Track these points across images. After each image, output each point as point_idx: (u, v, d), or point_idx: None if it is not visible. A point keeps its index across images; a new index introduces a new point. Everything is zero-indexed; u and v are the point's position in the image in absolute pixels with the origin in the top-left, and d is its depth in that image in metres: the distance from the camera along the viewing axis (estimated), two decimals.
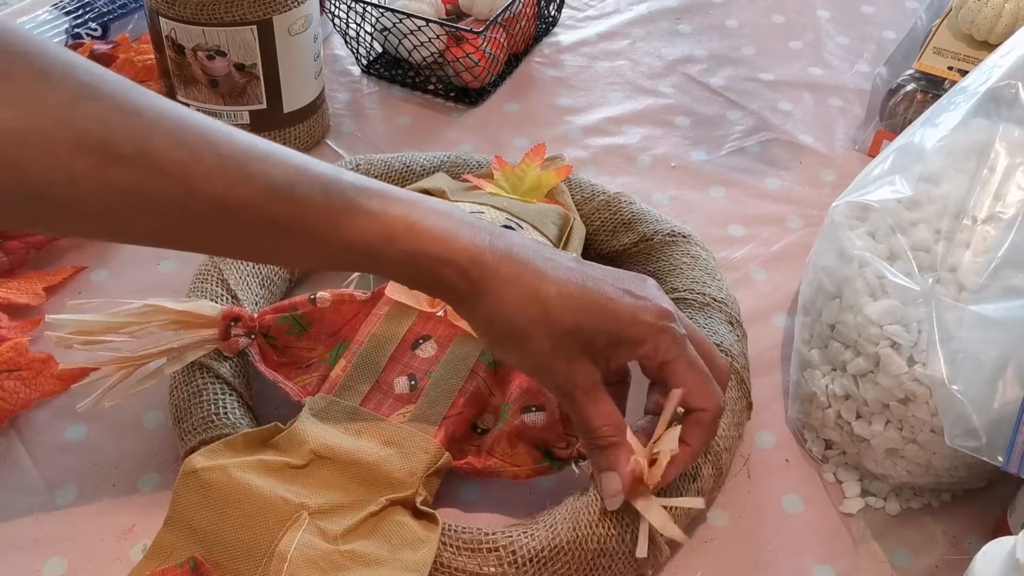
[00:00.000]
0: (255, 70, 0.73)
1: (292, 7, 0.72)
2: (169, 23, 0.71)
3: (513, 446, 0.54)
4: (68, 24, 0.88)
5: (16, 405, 0.59)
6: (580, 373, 0.48)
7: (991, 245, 0.53)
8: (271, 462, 0.51)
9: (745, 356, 0.60)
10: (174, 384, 0.57)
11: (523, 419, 0.54)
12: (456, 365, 0.58)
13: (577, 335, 0.47)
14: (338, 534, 0.48)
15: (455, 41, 0.84)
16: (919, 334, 0.52)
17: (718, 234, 0.73)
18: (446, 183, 0.68)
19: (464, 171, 0.71)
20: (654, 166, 0.81)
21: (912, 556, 0.55)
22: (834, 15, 0.99)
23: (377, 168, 0.70)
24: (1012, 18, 0.77)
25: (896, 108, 0.79)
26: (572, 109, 0.86)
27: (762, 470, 0.58)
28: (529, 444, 0.54)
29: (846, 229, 0.57)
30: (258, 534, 0.48)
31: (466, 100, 0.86)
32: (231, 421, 0.54)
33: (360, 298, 0.61)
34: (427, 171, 0.71)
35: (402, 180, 0.70)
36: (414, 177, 0.70)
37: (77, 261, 0.69)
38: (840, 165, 0.81)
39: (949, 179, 0.57)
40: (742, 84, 0.90)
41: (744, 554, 0.54)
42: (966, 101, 0.60)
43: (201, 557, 0.48)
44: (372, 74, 0.89)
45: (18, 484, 0.56)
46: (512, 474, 0.53)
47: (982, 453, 0.48)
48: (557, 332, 0.47)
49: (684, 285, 0.62)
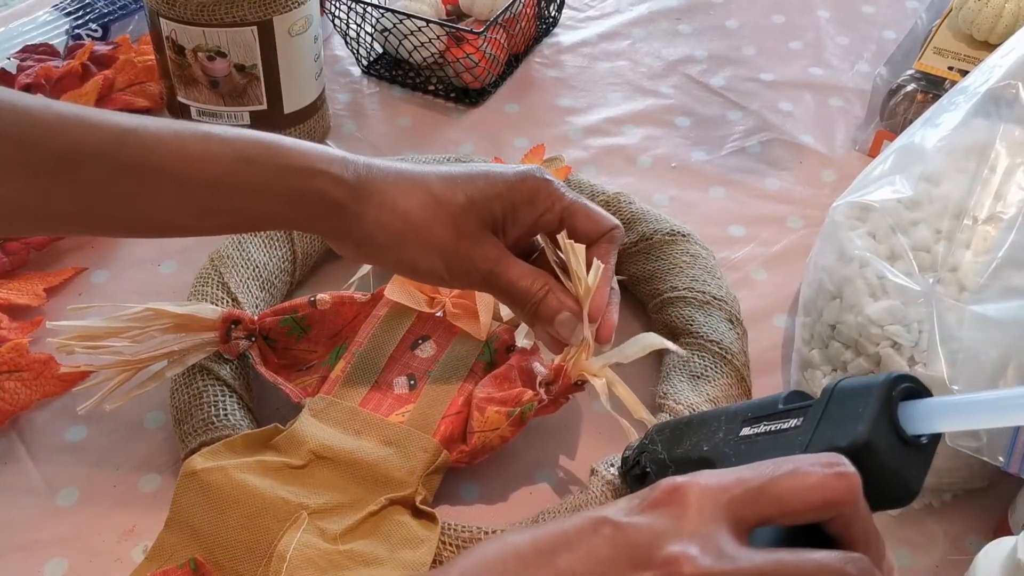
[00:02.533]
0: (255, 71, 0.73)
1: (292, 8, 0.72)
2: (169, 24, 0.71)
3: (483, 412, 0.54)
4: (68, 25, 0.88)
5: (17, 406, 0.59)
6: (489, 247, 0.49)
7: (992, 245, 0.53)
8: (271, 463, 0.51)
9: (745, 354, 0.60)
10: (175, 387, 0.57)
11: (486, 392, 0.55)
12: (455, 365, 0.58)
13: (473, 210, 0.48)
14: (337, 534, 0.48)
15: (455, 42, 0.84)
16: (920, 334, 0.52)
17: (718, 234, 0.73)
18: None
19: None
20: (654, 166, 0.81)
21: (913, 556, 0.55)
22: (834, 15, 0.99)
23: None
24: (1012, 18, 0.77)
25: (896, 108, 0.79)
26: (572, 109, 0.86)
27: None
28: (497, 404, 0.54)
29: (847, 229, 0.57)
30: (258, 534, 0.48)
31: (466, 101, 0.86)
32: (232, 423, 0.54)
33: (360, 300, 0.61)
34: None
35: None
36: None
37: (77, 262, 0.69)
38: (840, 165, 0.81)
39: (949, 179, 0.57)
40: (742, 84, 0.90)
41: None
42: (966, 101, 0.60)
43: (202, 558, 0.48)
44: (372, 75, 0.89)
45: (19, 485, 0.56)
46: (499, 439, 0.53)
47: (983, 453, 0.48)
48: (455, 213, 0.47)
49: (684, 283, 0.62)
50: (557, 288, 0.50)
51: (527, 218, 0.50)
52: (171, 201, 0.47)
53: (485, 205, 0.48)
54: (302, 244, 0.66)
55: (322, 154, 0.48)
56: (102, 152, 0.44)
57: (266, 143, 0.47)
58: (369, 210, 0.47)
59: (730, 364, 0.58)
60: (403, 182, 0.48)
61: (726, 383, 0.57)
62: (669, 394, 0.56)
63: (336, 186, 0.47)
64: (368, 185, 0.47)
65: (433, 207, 0.47)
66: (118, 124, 0.45)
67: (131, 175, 0.45)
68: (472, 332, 0.59)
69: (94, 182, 0.45)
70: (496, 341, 0.59)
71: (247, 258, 0.63)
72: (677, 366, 0.58)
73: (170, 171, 0.45)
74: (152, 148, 0.44)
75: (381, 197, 0.47)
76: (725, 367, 0.57)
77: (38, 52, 0.85)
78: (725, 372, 0.57)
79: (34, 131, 0.43)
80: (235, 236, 0.64)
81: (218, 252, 0.63)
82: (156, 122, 0.46)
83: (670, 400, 0.55)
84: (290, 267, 0.66)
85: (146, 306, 0.56)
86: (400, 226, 0.48)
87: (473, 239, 0.48)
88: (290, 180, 0.46)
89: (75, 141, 0.43)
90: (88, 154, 0.44)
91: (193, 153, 0.45)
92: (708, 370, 0.57)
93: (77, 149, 0.44)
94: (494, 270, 0.49)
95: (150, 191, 0.46)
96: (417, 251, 0.49)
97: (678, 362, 0.58)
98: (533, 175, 0.50)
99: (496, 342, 0.59)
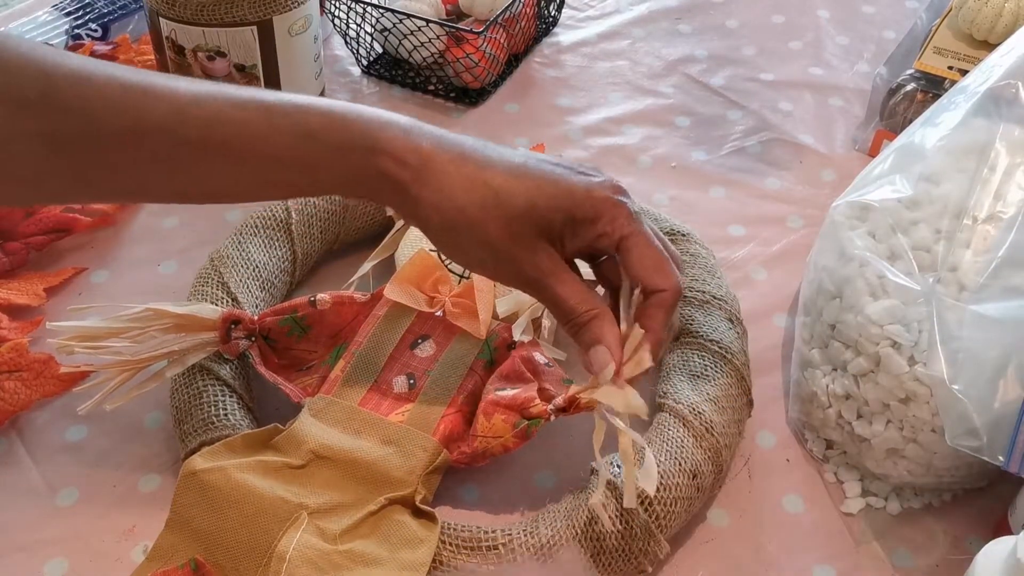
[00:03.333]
0: (255, 71, 0.73)
1: (292, 8, 0.72)
2: (169, 24, 0.71)
3: (489, 418, 0.53)
4: (68, 25, 0.88)
5: (17, 406, 0.59)
6: (543, 257, 0.47)
7: (991, 245, 0.53)
8: (270, 463, 0.51)
9: (745, 353, 0.60)
10: (175, 386, 0.57)
11: (495, 395, 0.54)
12: (455, 364, 0.58)
13: (532, 217, 0.46)
14: (337, 534, 0.48)
15: (455, 41, 0.84)
16: (920, 334, 0.52)
17: (718, 234, 0.73)
18: None
19: None
20: (654, 166, 0.81)
21: (913, 556, 0.55)
22: (834, 15, 0.99)
23: None
24: (1012, 18, 0.77)
25: (896, 108, 0.79)
26: (572, 109, 0.86)
27: (763, 470, 0.58)
28: (504, 412, 0.53)
29: (846, 229, 0.57)
30: (258, 534, 0.48)
31: (466, 100, 0.86)
32: (232, 423, 0.54)
33: (360, 300, 0.61)
34: None
35: None
36: None
37: (77, 262, 0.69)
38: (840, 165, 0.81)
39: (949, 179, 0.57)
40: (742, 84, 0.89)
41: (744, 554, 0.54)
42: (966, 101, 0.60)
43: (202, 558, 0.48)
44: (372, 75, 0.89)
45: (19, 485, 0.56)
46: (501, 447, 0.53)
47: (983, 453, 0.48)
48: (512, 216, 0.46)
49: (684, 283, 0.62)
50: (606, 317, 0.47)
51: (587, 235, 0.48)
52: (229, 174, 0.47)
53: (545, 214, 0.46)
54: (302, 244, 0.66)
55: (387, 128, 0.46)
56: (163, 127, 0.43)
57: (331, 115, 0.45)
58: (428, 194, 0.46)
59: (730, 364, 0.58)
60: (467, 168, 0.46)
61: (726, 383, 0.57)
62: (669, 393, 0.56)
63: (398, 167, 0.45)
64: (430, 167, 0.46)
65: (491, 206, 0.45)
66: (180, 95, 0.44)
67: (191, 150, 0.44)
68: (471, 331, 0.59)
69: (155, 156, 0.44)
70: (495, 339, 0.59)
71: (247, 258, 0.63)
72: (677, 365, 0.58)
73: (230, 147, 0.44)
74: (213, 123, 0.44)
75: (440, 182, 0.46)
76: (725, 367, 0.57)
77: None
78: (725, 372, 0.57)
79: (98, 104, 0.43)
80: (235, 236, 0.64)
81: (218, 252, 0.63)
82: (219, 91, 0.45)
83: (670, 400, 0.55)
84: (290, 267, 0.66)
85: (146, 306, 0.56)
86: (455, 216, 0.46)
87: (526, 246, 0.46)
88: (352, 158, 0.45)
89: (137, 116, 0.43)
90: (149, 128, 0.43)
91: (255, 130, 0.44)
92: (708, 369, 0.57)
93: (139, 123, 0.43)
94: (543, 281, 0.47)
95: (209, 166, 0.45)
96: (468, 244, 0.47)
97: (678, 361, 0.58)
98: (603, 192, 0.47)
99: (495, 340, 0.59)
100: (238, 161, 0.45)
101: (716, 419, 0.55)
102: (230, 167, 0.46)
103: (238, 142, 0.44)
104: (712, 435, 0.54)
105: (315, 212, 0.67)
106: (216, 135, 0.44)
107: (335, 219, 0.68)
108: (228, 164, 0.46)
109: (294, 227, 0.66)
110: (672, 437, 0.53)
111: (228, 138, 0.44)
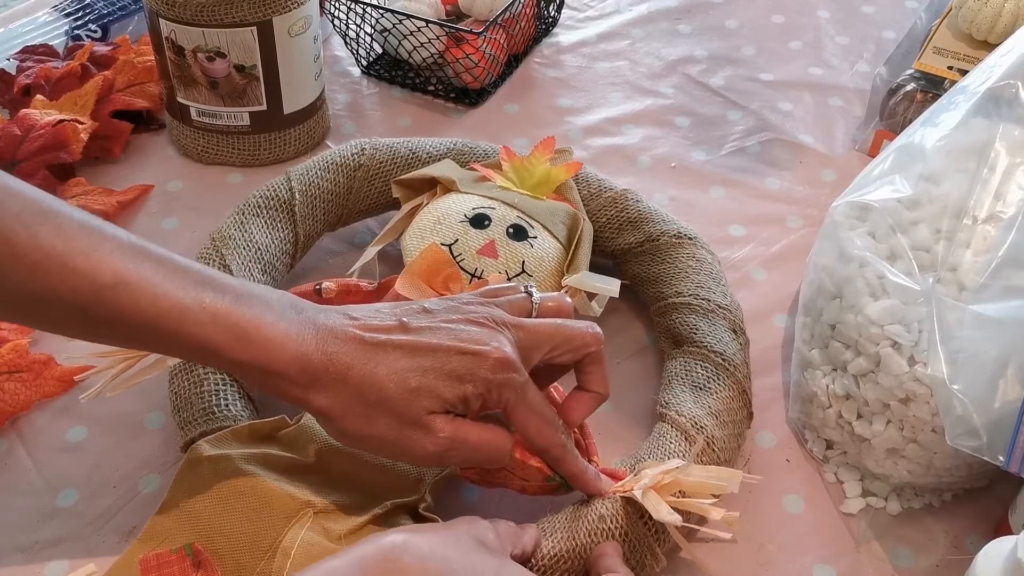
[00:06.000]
0: (255, 71, 0.73)
1: (292, 8, 0.72)
2: (169, 25, 0.71)
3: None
4: (68, 26, 0.88)
5: (16, 407, 0.59)
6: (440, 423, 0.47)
7: (991, 245, 0.53)
8: (278, 457, 0.51)
9: (747, 365, 0.60)
10: (174, 374, 0.56)
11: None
12: None
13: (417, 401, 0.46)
14: (341, 534, 0.48)
15: (455, 42, 0.84)
16: (920, 334, 0.52)
17: (718, 234, 0.73)
18: (455, 171, 0.67)
19: (471, 159, 0.70)
20: (654, 166, 0.81)
21: (913, 556, 0.55)
22: (834, 15, 0.99)
23: (383, 153, 0.69)
24: (1012, 18, 0.77)
25: (896, 108, 0.79)
26: (572, 109, 0.86)
27: (763, 470, 0.58)
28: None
29: (846, 229, 0.57)
30: (262, 528, 0.48)
31: (466, 101, 0.86)
32: (232, 413, 0.54)
33: (366, 288, 0.60)
34: (433, 158, 0.70)
35: (408, 167, 0.69)
36: (419, 164, 0.69)
37: None
38: (840, 165, 0.81)
39: (949, 179, 0.57)
40: (742, 84, 0.90)
41: (745, 554, 0.54)
42: (966, 101, 0.60)
43: (200, 545, 0.48)
44: (372, 75, 0.89)
45: (19, 486, 0.56)
46: (519, 486, 0.52)
47: (983, 453, 0.48)
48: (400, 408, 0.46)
49: (689, 290, 0.62)
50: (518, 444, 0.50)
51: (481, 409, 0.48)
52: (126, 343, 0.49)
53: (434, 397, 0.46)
54: (304, 226, 0.66)
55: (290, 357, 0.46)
56: (75, 304, 0.44)
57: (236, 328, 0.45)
58: (315, 399, 0.46)
59: (732, 376, 0.57)
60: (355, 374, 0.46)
61: (727, 396, 0.56)
62: (671, 404, 0.56)
63: (292, 386, 0.46)
64: (322, 379, 0.46)
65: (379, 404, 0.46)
66: (100, 275, 0.44)
67: (98, 327, 0.45)
68: None
69: (58, 323, 0.45)
70: None
71: (249, 239, 0.63)
72: (679, 375, 0.58)
73: (136, 332, 0.45)
74: (127, 312, 0.44)
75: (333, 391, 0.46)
76: (727, 379, 0.57)
77: (38, 53, 0.85)
78: (727, 384, 0.57)
79: (12, 268, 0.43)
80: (237, 216, 0.64)
81: (219, 232, 0.62)
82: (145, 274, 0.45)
83: (671, 411, 0.55)
84: (291, 249, 0.65)
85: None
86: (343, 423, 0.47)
87: (418, 426, 0.46)
88: (251, 375, 0.46)
89: (52, 287, 0.43)
90: (60, 299, 0.43)
91: (166, 327, 0.45)
92: (711, 381, 0.57)
93: (52, 293, 0.43)
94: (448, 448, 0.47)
95: (110, 337, 0.47)
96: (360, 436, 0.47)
97: (680, 370, 0.58)
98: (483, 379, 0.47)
99: None
100: (141, 342, 0.47)
101: (718, 434, 0.54)
102: (132, 340, 0.47)
103: (146, 334, 0.45)
104: (713, 450, 0.54)
105: (318, 193, 0.67)
106: (125, 323, 0.44)
107: (339, 200, 0.67)
108: (130, 340, 0.47)
109: (297, 208, 0.65)
110: (673, 451, 0.53)
111: (137, 327, 0.45)
